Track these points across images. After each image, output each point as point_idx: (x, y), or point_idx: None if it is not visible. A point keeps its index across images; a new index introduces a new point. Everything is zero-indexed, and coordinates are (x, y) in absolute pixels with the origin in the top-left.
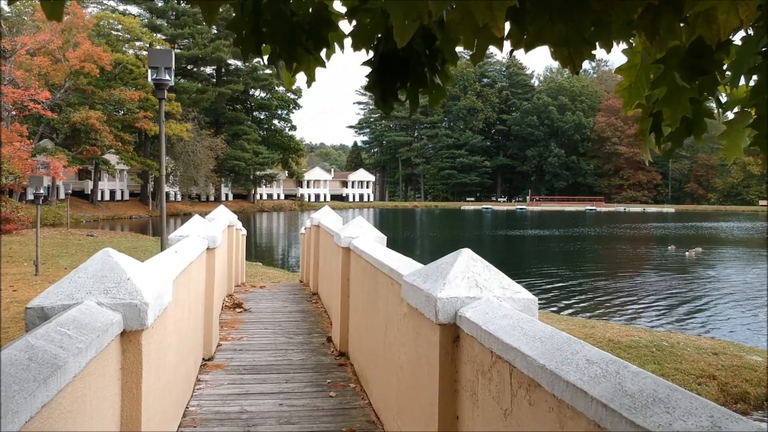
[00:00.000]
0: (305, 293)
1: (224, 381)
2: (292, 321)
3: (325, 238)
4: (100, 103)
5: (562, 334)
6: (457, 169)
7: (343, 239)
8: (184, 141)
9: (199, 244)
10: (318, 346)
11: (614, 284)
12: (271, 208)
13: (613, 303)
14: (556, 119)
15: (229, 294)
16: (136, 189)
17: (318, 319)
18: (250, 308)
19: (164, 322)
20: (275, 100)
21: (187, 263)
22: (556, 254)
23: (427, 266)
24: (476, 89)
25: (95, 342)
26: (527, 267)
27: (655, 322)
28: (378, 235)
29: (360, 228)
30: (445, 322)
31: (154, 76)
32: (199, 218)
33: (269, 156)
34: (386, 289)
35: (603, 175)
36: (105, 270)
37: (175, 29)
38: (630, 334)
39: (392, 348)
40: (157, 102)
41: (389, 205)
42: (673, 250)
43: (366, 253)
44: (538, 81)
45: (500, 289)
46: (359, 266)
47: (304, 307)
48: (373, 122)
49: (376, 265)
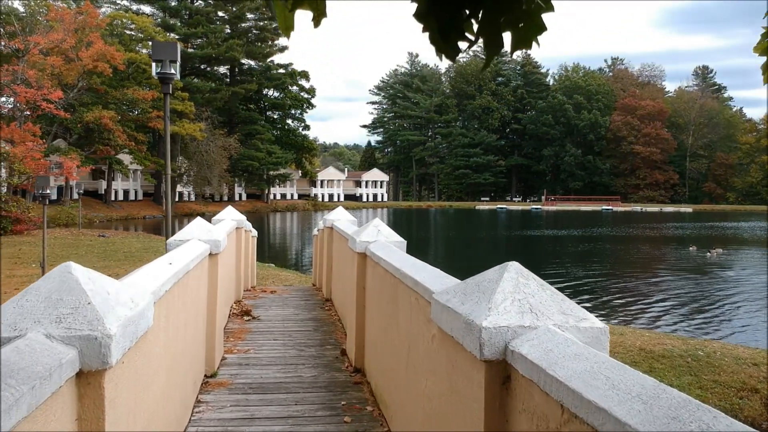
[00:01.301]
0: (318, 299)
1: (227, 402)
2: (303, 330)
3: (338, 241)
4: (114, 103)
5: (671, 391)
6: (472, 169)
7: (359, 244)
8: (197, 141)
9: (199, 250)
10: (331, 360)
11: (636, 286)
12: (284, 208)
13: (637, 307)
14: (571, 118)
15: (237, 300)
16: (150, 189)
17: (331, 328)
18: (259, 316)
19: (144, 351)
20: (289, 100)
21: (182, 273)
22: (574, 255)
23: (463, 283)
24: (491, 88)
25: (29, 393)
26: (544, 268)
27: (684, 328)
28: (397, 239)
29: (377, 231)
30: (492, 358)
31: (159, 70)
32: (201, 221)
33: (283, 156)
34: (409, 303)
35: (619, 174)
36: (62, 291)
37: (189, 28)
38: (662, 342)
39: (417, 372)
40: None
41: (403, 205)
42: (694, 251)
43: (384, 260)
44: (553, 80)
45: (560, 315)
46: (377, 274)
47: (316, 315)
48: (386, 122)
49: (396, 275)
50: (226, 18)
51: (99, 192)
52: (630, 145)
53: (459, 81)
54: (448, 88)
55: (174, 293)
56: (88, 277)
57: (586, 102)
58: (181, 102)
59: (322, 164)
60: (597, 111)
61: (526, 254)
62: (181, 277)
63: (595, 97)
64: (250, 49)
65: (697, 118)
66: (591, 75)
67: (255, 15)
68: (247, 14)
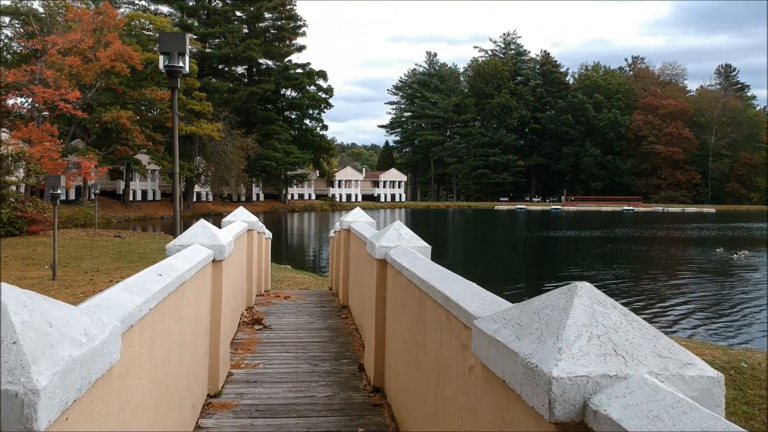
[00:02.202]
0: (334, 306)
1: (230, 428)
2: (318, 342)
3: (356, 244)
4: (131, 103)
5: None
6: (491, 169)
7: (378, 249)
8: (215, 141)
9: (200, 256)
10: (348, 377)
11: (664, 290)
12: (302, 208)
13: (668, 312)
14: (591, 117)
15: (248, 307)
16: (168, 189)
17: (348, 339)
18: (271, 325)
19: (107, 393)
20: (306, 100)
21: (176, 285)
22: (597, 257)
23: (516, 308)
24: (510, 87)
25: None
26: (568, 269)
27: (720, 335)
28: (420, 244)
29: (398, 235)
30: (565, 419)
31: (166, 63)
32: (204, 223)
33: (300, 156)
34: (438, 323)
35: (640, 174)
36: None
37: (206, 28)
38: (702, 353)
39: (448, 407)
40: (188, 101)
41: (421, 205)
42: (721, 252)
43: (408, 269)
44: (573, 79)
45: (656, 358)
46: (399, 285)
47: (332, 324)
48: (405, 122)
49: (423, 288)
50: (244, 18)
51: (117, 192)
52: (651, 145)
53: (477, 80)
54: (467, 87)
55: (164, 310)
56: (23, 303)
57: (606, 101)
58: (199, 102)
59: (340, 164)
60: (617, 110)
61: (549, 256)
62: (174, 290)
63: (615, 96)
64: (268, 48)
65: (720, 117)
66: (611, 74)
67: (272, 14)
68: (264, 14)
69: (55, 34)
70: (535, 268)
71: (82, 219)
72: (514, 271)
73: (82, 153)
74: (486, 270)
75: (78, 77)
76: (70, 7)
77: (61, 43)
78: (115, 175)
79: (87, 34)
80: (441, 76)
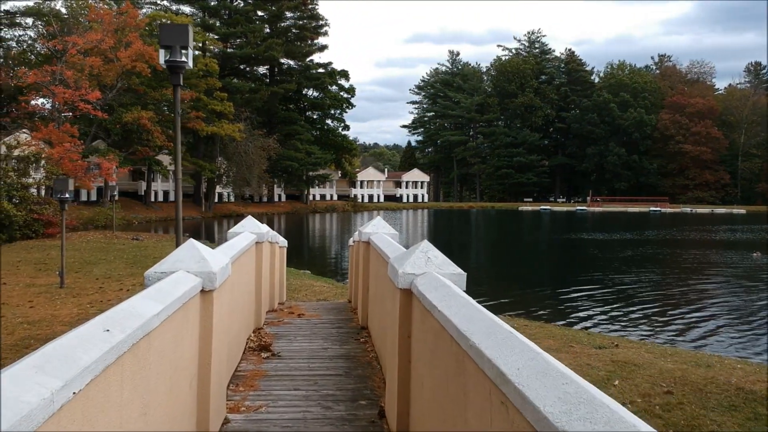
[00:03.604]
0: (352, 326)
1: None
2: (332, 375)
3: (376, 260)
4: (152, 103)
5: None
6: (515, 169)
7: (402, 277)
8: (236, 141)
9: (181, 288)
10: (365, 426)
11: (705, 299)
12: (324, 209)
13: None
14: (617, 117)
15: (257, 328)
16: (190, 190)
17: (367, 371)
18: (280, 352)
19: None
20: (328, 99)
21: (133, 341)
22: (632, 261)
23: None
24: (534, 86)
25: None
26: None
27: None
28: (453, 270)
29: (426, 259)
30: None
31: (167, 57)
32: (193, 244)
33: (322, 156)
34: (488, 403)
35: (667, 174)
36: None
37: (228, 28)
38: (761, 379)
39: None
40: (210, 102)
41: (444, 206)
42: (758, 257)
43: (441, 312)
44: (598, 77)
45: None
46: (429, 327)
47: (349, 350)
48: (427, 121)
49: (462, 344)
50: (266, 17)
51: (138, 193)
52: (678, 144)
53: (501, 79)
54: (490, 86)
55: (107, 381)
56: None
57: (632, 100)
58: (221, 102)
59: (362, 164)
60: (643, 109)
61: (580, 259)
62: (131, 347)
63: (642, 95)
64: (290, 48)
65: (750, 115)
66: (637, 72)
67: (294, 14)
68: (286, 13)
69: (75, 35)
70: (561, 271)
71: (103, 220)
72: (540, 273)
73: (102, 154)
74: (518, 275)
75: (99, 78)
76: (92, 7)
77: (81, 44)
78: (136, 176)
79: (108, 34)
80: (464, 75)
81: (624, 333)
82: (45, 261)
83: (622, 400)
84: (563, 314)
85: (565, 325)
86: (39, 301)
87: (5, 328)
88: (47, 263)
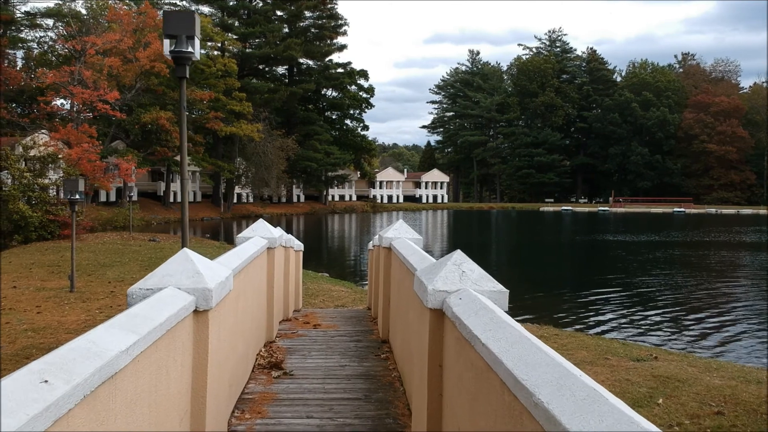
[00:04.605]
0: (372, 339)
1: None
2: (350, 399)
3: (399, 268)
4: (171, 104)
5: None
6: (535, 169)
7: (432, 294)
8: (255, 141)
9: (167, 311)
10: None
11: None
12: (343, 209)
13: (758, 338)
14: (639, 116)
15: (268, 341)
16: (209, 191)
17: (389, 393)
18: (293, 371)
19: None
20: (347, 99)
21: (84, 393)
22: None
23: None
24: (555, 85)
25: None
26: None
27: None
28: (493, 287)
29: (461, 273)
30: None
31: (172, 48)
32: (187, 255)
33: (341, 156)
34: None
35: (691, 174)
36: None
37: (247, 28)
38: None
39: None
40: (228, 102)
41: (464, 207)
42: None
43: (485, 346)
44: (620, 76)
45: None
46: (469, 363)
47: (369, 368)
48: (447, 121)
49: (516, 391)
50: (285, 17)
51: (158, 194)
52: (703, 144)
53: (521, 78)
54: (510, 86)
55: None
56: None
57: (655, 99)
58: (239, 102)
59: (381, 165)
60: (666, 108)
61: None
62: (81, 400)
63: (665, 94)
64: (309, 48)
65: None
66: (660, 71)
67: (313, 13)
68: (305, 12)
69: (93, 35)
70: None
71: (122, 221)
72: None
73: (121, 154)
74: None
75: (118, 78)
76: (111, 7)
77: (100, 44)
78: (155, 177)
79: (127, 34)
80: (484, 75)
81: (659, 341)
82: (59, 263)
83: (668, 422)
84: (591, 321)
85: (597, 333)
86: (47, 306)
87: (8, 336)
88: (60, 265)
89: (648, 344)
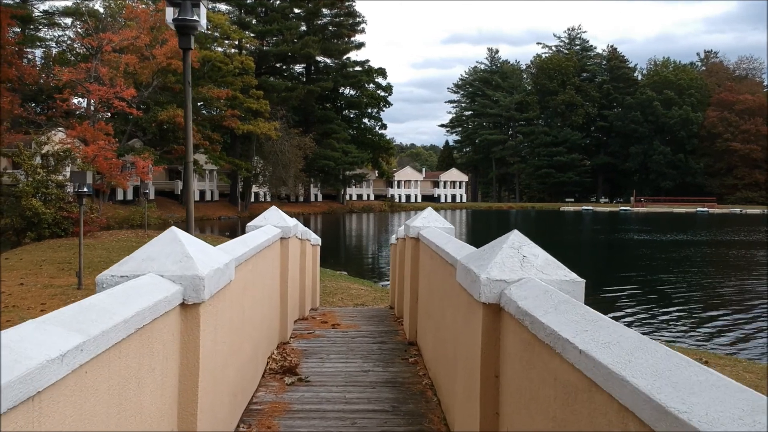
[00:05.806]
0: (397, 340)
1: None
2: (375, 411)
3: (430, 260)
4: None
5: None
6: (555, 168)
7: (486, 285)
8: (272, 140)
9: (135, 303)
10: None
11: None
12: (360, 208)
13: None
14: (661, 115)
15: (282, 342)
16: (226, 189)
17: (420, 405)
18: (309, 376)
19: None
20: (365, 98)
21: None
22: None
23: None
24: (575, 83)
25: None
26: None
27: None
28: (565, 276)
29: (521, 258)
30: None
31: (175, 16)
32: (175, 235)
33: (359, 155)
34: None
35: (714, 174)
36: None
37: (264, 26)
38: None
39: None
40: (245, 100)
41: (483, 206)
42: None
43: (586, 355)
44: (641, 75)
45: None
46: (553, 375)
47: (395, 374)
48: (465, 120)
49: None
50: (302, 15)
51: (175, 192)
52: (726, 143)
53: (541, 76)
54: (530, 84)
55: None
56: None
57: (677, 97)
58: (257, 101)
59: (399, 164)
60: (688, 107)
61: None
62: None
63: (687, 92)
64: (326, 45)
65: None
66: (682, 69)
67: (331, 11)
68: (323, 10)
69: (110, 32)
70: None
71: (138, 220)
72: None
73: (137, 152)
74: None
75: (135, 75)
76: (128, 6)
77: (117, 41)
78: (173, 176)
79: (144, 31)
80: (503, 74)
81: (706, 344)
82: (69, 260)
83: None
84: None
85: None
86: (52, 304)
87: None
88: (71, 262)
89: (693, 347)
